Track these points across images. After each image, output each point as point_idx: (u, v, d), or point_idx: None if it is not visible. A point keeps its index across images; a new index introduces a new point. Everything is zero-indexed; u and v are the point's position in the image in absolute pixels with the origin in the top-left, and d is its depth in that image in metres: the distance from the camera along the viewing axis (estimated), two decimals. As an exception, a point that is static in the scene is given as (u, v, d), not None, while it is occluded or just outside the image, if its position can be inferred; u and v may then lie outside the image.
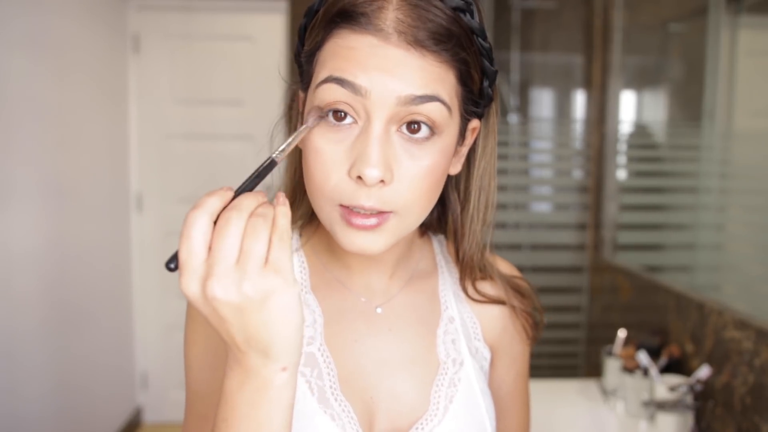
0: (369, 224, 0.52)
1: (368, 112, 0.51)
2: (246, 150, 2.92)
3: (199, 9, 2.86)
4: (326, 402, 0.59)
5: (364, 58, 0.50)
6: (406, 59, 0.50)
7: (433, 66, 0.51)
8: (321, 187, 0.53)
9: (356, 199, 0.51)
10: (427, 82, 0.51)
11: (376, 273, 0.65)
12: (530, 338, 0.73)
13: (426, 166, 0.53)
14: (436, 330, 0.66)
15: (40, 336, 2.10)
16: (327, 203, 0.53)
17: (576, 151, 2.55)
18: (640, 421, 1.51)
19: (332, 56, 0.52)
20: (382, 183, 0.51)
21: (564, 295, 2.48)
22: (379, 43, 0.50)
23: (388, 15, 0.50)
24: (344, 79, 0.50)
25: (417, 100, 0.50)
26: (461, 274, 0.68)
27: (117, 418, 2.77)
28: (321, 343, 0.61)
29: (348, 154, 0.52)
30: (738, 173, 1.79)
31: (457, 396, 0.63)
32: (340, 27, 0.52)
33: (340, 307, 0.64)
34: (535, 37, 2.61)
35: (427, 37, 0.50)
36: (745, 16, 1.74)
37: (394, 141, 0.52)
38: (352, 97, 0.50)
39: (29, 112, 2.02)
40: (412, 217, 0.55)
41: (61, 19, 2.24)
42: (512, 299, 0.71)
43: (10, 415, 1.91)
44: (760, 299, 1.52)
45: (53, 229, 2.18)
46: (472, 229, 0.65)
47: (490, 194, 0.64)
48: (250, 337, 0.43)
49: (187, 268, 0.42)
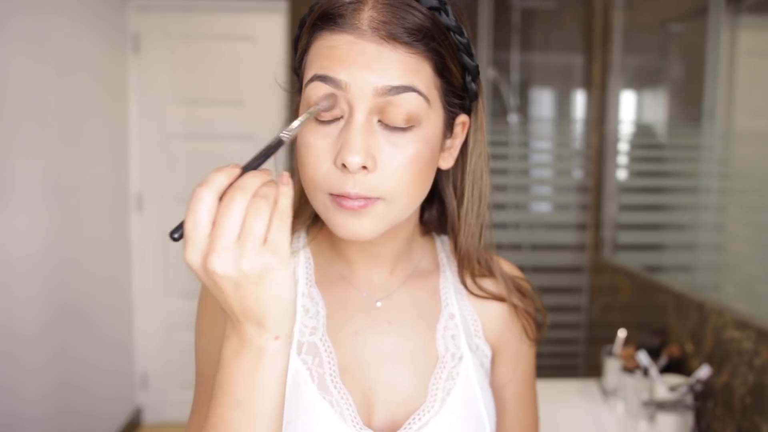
0: (356, 206, 0.55)
1: (350, 105, 0.54)
2: (246, 150, 2.92)
3: (199, 9, 2.86)
4: (326, 389, 0.61)
5: (342, 54, 0.54)
6: (380, 53, 0.54)
7: (407, 57, 0.54)
8: (313, 179, 0.57)
9: (343, 186, 0.55)
10: (402, 73, 0.54)
11: (377, 268, 0.68)
12: (532, 339, 0.74)
13: (409, 155, 0.56)
14: (435, 325, 0.68)
15: (39, 336, 2.10)
16: (319, 193, 0.57)
17: (576, 151, 2.55)
18: (640, 421, 1.51)
19: (316, 57, 0.56)
20: (365, 170, 0.54)
21: (564, 295, 2.48)
22: (355, 39, 0.54)
23: (364, 15, 0.54)
24: (326, 75, 0.54)
25: (393, 91, 0.54)
26: (459, 266, 0.70)
27: (117, 418, 2.77)
28: (323, 334, 0.64)
29: (334, 146, 0.55)
30: (738, 173, 1.79)
31: (455, 389, 0.65)
32: (322, 29, 0.56)
33: (343, 301, 0.67)
34: (535, 37, 2.61)
35: (400, 32, 0.54)
36: (745, 16, 1.74)
37: (376, 130, 0.55)
38: (335, 92, 0.54)
39: (29, 112, 2.02)
40: (401, 205, 0.58)
41: (61, 19, 2.24)
42: (513, 298, 0.72)
43: (10, 415, 1.91)
44: (760, 299, 1.52)
45: (53, 229, 2.18)
46: (468, 222, 0.68)
47: (483, 187, 0.68)
48: (246, 308, 0.46)
49: (191, 241, 0.44)
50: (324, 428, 0.60)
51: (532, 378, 0.76)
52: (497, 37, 2.52)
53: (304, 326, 0.65)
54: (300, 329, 0.64)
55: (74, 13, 2.34)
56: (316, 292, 0.67)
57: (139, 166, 2.93)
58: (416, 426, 0.62)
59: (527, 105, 2.63)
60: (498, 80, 2.54)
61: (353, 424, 0.61)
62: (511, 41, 2.56)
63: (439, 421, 0.63)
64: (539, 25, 2.61)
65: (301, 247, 0.69)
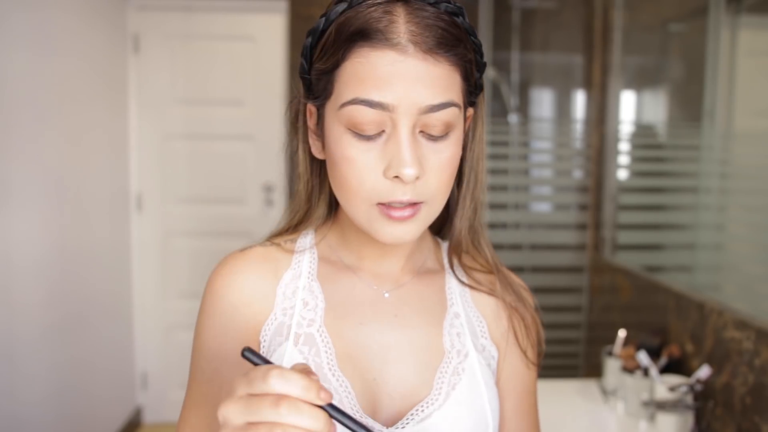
0: (406, 215, 0.58)
1: (394, 122, 0.56)
2: (246, 150, 2.92)
3: (199, 9, 2.86)
4: (324, 377, 0.62)
5: (387, 75, 0.55)
6: (426, 70, 0.56)
7: (446, 71, 0.57)
8: (357, 191, 0.59)
9: (393, 195, 0.57)
10: (443, 90, 0.57)
11: (388, 263, 0.70)
12: (533, 361, 0.74)
13: (447, 158, 0.59)
14: (442, 322, 0.69)
15: (39, 336, 2.10)
16: (363, 203, 0.59)
17: (576, 151, 2.55)
18: (640, 421, 1.51)
19: (354, 75, 0.56)
20: (416, 179, 0.57)
21: (564, 295, 2.48)
22: (399, 57, 0.55)
23: (401, 28, 0.55)
24: (372, 100, 0.55)
25: (435, 108, 0.56)
26: (449, 248, 0.73)
27: (117, 418, 2.77)
28: (320, 325, 0.65)
29: (380, 159, 0.57)
30: (738, 173, 1.79)
31: (460, 384, 0.66)
32: (359, 45, 0.56)
33: (349, 293, 0.68)
34: (535, 37, 2.61)
35: (435, 44, 0.56)
36: (745, 16, 1.74)
37: (420, 141, 0.58)
38: (380, 114, 0.56)
39: (29, 112, 2.02)
40: (437, 204, 0.61)
41: (61, 19, 2.24)
42: (507, 296, 0.73)
43: (10, 416, 1.91)
44: (760, 299, 1.52)
45: (53, 228, 2.18)
46: (464, 205, 0.70)
47: (479, 172, 0.70)
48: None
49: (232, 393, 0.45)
50: None
51: (533, 398, 0.75)
52: (497, 37, 2.52)
53: (302, 318, 0.65)
54: (298, 321, 0.65)
55: (74, 12, 2.34)
56: (316, 286, 0.68)
57: (139, 166, 2.93)
58: (419, 417, 0.63)
59: (527, 105, 2.63)
60: (498, 80, 2.54)
61: (352, 413, 0.61)
62: (511, 41, 2.56)
63: (443, 414, 0.63)
64: (539, 25, 2.61)
65: (308, 247, 0.70)
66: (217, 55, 2.89)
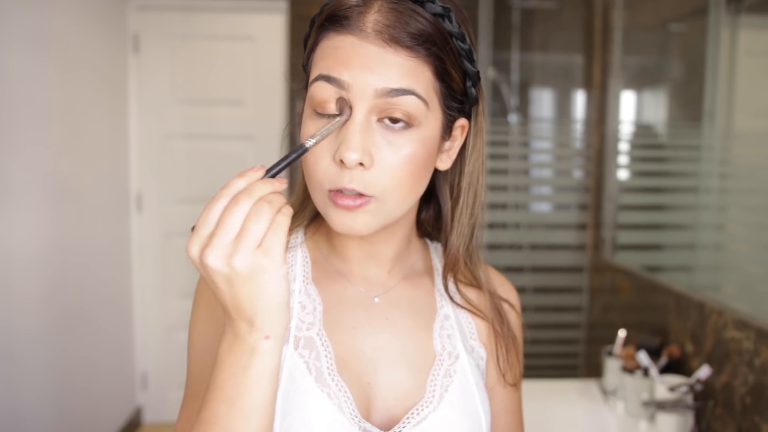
0: (351, 204, 0.57)
1: (352, 105, 0.56)
2: (246, 150, 2.92)
3: (199, 9, 2.86)
4: (323, 381, 0.62)
5: (345, 56, 0.56)
6: (382, 56, 0.56)
7: (408, 61, 0.56)
8: (313, 175, 0.59)
9: (339, 181, 0.57)
10: (402, 76, 0.56)
11: (375, 267, 0.70)
12: (510, 383, 0.73)
13: (405, 154, 0.58)
14: (432, 324, 0.70)
15: (39, 336, 2.10)
16: (318, 189, 0.59)
17: (576, 151, 2.55)
18: (640, 421, 1.51)
19: (321, 56, 0.58)
20: (361, 166, 0.56)
21: (564, 295, 2.48)
22: (359, 41, 0.56)
23: (369, 18, 0.56)
24: (330, 75, 0.57)
25: (392, 93, 0.56)
26: (445, 267, 0.71)
27: (117, 418, 2.77)
28: (320, 329, 0.65)
29: (334, 143, 0.57)
30: (738, 173, 1.79)
31: (453, 386, 0.66)
32: (328, 30, 0.58)
33: (341, 297, 0.68)
34: (535, 37, 2.61)
35: (403, 36, 0.56)
36: (745, 16, 1.74)
37: (375, 129, 0.57)
38: (338, 92, 0.56)
39: (29, 112, 2.02)
40: (392, 203, 0.59)
41: (62, 19, 2.24)
42: (496, 324, 0.72)
43: (10, 415, 1.91)
44: (760, 299, 1.52)
45: (53, 228, 2.18)
46: (461, 222, 0.69)
47: (478, 188, 0.69)
48: (238, 306, 0.49)
49: (195, 234, 0.48)
50: (322, 419, 0.60)
51: (518, 418, 0.75)
52: (497, 37, 2.51)
53: (301, 322, 0.65)
54: (297, 325, 0.65)
55: (74, 12, 2.34)
56: (312, 289, 0.68)
57: (139, 166, 2.93)
58: (414, 421, 0.63)
59: (527, 105, 2.63)
60: (498, 80, 2.54)
61: (351, 417, 0.61)
62: (511, 41, 2.56)
63: (438, 417, 0.64)
64: (539, 25, 2.61)
65: (299, 244, 0.71)
66: (217, 55, 2.89)
